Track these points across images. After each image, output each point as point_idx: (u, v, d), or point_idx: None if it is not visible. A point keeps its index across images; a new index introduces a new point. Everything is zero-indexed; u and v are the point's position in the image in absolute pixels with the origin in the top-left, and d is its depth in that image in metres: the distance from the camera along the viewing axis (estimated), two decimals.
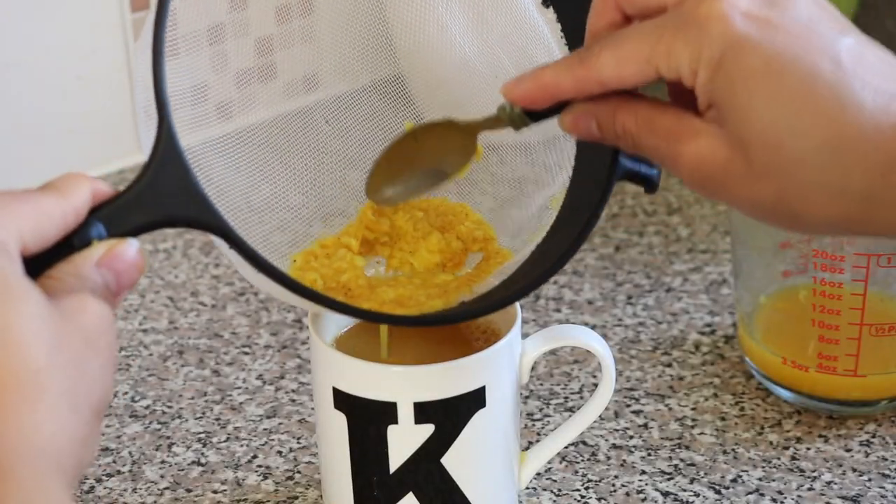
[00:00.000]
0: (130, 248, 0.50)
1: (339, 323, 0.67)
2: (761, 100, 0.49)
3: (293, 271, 0.63)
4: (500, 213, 0.66)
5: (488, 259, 0.64)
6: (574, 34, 0.62)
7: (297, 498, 0.71)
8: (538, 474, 0.72)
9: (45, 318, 0.45)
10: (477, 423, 0.63)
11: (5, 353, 0.44)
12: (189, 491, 0.72)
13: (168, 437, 0.75)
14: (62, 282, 0.48)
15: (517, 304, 0.64)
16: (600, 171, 0.58)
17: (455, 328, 0.67)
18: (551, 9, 0.62)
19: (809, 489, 0.71)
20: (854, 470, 0.72)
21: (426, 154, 0.61)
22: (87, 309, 0.47)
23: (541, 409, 0.77)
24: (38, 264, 0.48)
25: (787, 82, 0.49)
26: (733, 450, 0.74)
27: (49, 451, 0.44)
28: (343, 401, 0.63)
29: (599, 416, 0.73)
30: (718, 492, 0.71)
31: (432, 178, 0.61)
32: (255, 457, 0.74)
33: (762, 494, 0.70)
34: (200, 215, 0.52)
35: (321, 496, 0.70)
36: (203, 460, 0.74)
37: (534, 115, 0.56)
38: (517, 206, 0.65)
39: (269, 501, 0.71)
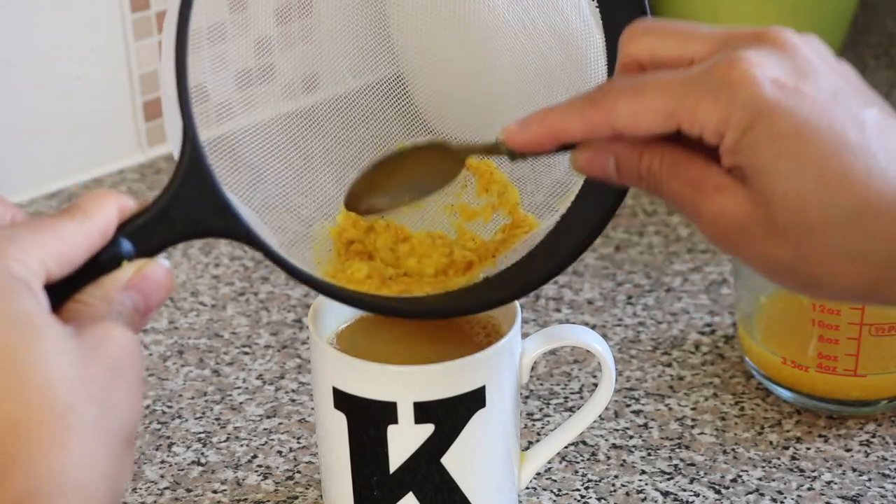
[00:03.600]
0: (159, 268, 0.50)
1: (339, 319, 0.67)
2: (787, 163, 0.49)
3: (333, 232, 0.63)
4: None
5: (514, 227, 0.64)
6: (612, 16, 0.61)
7: (297, 498, 0.71)
8: (538, 474, 0.72)
9: (69, 354, 0.44)
10: (477, 423, 0.63)
11: (30, 395, 0.43)
12: (189, 491, 0.72)
13: (168, 437, 0.75)
14: (90, 306, 0.48)
15: (517, 303, 0.64)
16: None
17: (456, 324, 0.67)
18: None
19: (809, 489, 0.71)
20: (854, 470, 0.72)
21: (410, 171, 0.60)
22: (112, 338, 0.46)
23: (541, 409, 0.77)
24: (66, 287, 0.48)
25: (815, 149, 0.49)
26: (733, 450, 0.74)
27: (82, 490, 0.44)
28: (343, 401, 0.63)
29: (599, 416, 0.73)
30: (718, 492, 0.71)
31: (413, 191, 0.61)
32: (255, 457, 0.74)
33: (762, 494, 0.70)
34: (228, 226, 0.52)
35: (321, 496, 0.70)
36: (203, 460, 0.74)
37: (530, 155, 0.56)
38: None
39: (269, 501, 0.71)
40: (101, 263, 0.49)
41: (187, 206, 0.51)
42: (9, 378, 0.43)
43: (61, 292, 0.47)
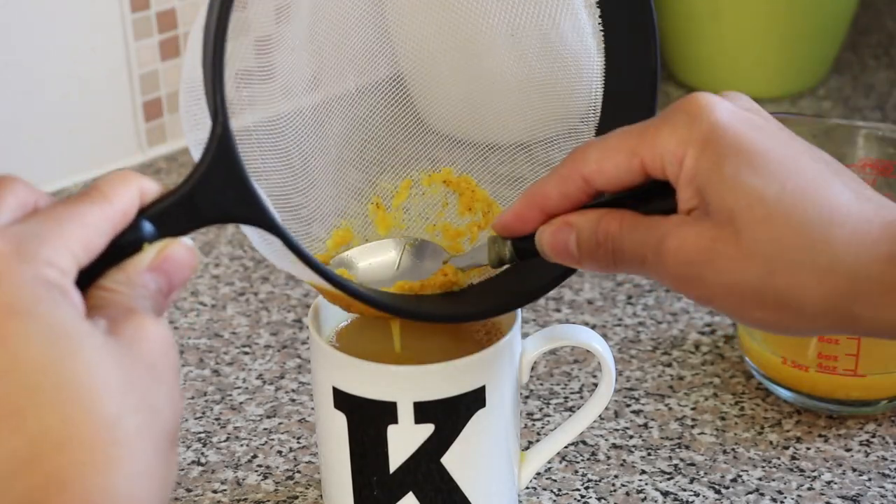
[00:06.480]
0: (181, 247, 0.49)
1: (338, 318, 0.67)
2: (748, 175, 0.50)
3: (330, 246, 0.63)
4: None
5: None
6: (613, 31, 0.61)
7: (297, 498, 0.71)
8: (538, 474, 0.72)
9: (109, 361, 0.43)
10: (477, 423, 0.63)
11: (76, 411, 0.42)
12: (189, 491, 0.72)
13: None
14: (115, 292, 0.47)
15: None
16: None
17: (456, 324, 0.67)
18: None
19: (809, 489, 0.71)
20: (854, 470, 0.72)
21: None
22: (147, 334, 0.45)
23: (541, 409, 0.77)
24: (90, 272, 0.47)
25: (774, 163, 0.51)
26: (733, 449, 0.74)
27: (136, 501, 0.43)
28: (343, 401, 0.63)
29: (599, 416, 0.73)
30: (718, 491, 0.71)
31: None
32: (255, 457, 0.74)
33: (762, 494, 0.70)
34: (253, 214, 0.52)
35: (321, 496, 0.70)
36: (203, 460, 0.74)
37: (522, 253, 0.58)
38: None
39: (269, 501, 0.71)
40: (122, 247, 0.48)
41: (213, 192, 0.50)
42: (53, 395, 0.42)
43: (85, 278, 0.46)
